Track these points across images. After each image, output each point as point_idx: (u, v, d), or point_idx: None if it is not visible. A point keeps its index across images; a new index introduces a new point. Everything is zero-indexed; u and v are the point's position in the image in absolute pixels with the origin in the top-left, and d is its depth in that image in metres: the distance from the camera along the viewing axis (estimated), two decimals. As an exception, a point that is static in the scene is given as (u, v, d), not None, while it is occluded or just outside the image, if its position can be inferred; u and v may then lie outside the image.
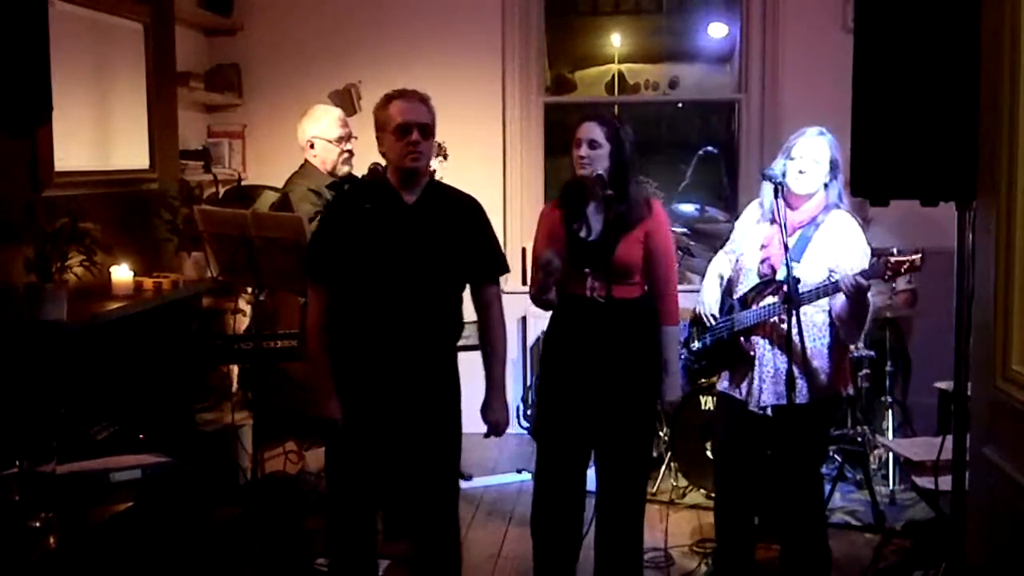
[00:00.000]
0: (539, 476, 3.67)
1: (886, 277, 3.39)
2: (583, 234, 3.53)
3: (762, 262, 3.62)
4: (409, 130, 3.12)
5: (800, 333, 3.37)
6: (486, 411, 3.33)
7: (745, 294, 3.66)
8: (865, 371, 4.91)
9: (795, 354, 3.41)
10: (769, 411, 3.58)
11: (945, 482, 2.95)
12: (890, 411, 5.03)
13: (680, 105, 7.18)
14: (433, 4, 6.00)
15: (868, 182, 2.70)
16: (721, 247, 3.96)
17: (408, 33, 5.98)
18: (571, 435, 3.57)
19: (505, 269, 3.39)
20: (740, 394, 3.66)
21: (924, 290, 5.28)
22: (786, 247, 3.41)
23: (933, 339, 4.53)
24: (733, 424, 3.71)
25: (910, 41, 2.60)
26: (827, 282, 3.44)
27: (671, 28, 7.29)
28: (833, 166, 3.55)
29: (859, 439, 4.84)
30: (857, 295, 3.36)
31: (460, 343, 3.33)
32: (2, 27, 2.48)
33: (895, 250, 3.34)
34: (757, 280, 3.63)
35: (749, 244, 3.70)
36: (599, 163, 3.44)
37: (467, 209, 3.31)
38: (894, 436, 4.98)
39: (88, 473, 3.11)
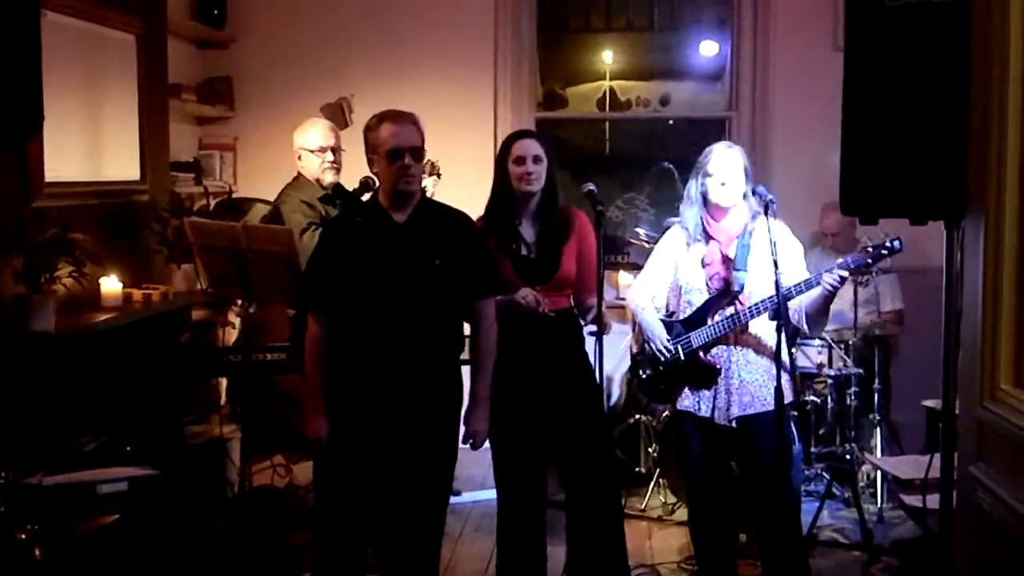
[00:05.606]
0: (499, 486, 3.68)
1: (868, 263, 3.46)
2: (524, 252, 3.57)
3: (711, 278, 3.66)
4: (400, 154, 3.16)
5: (778, 342, 3.45)
6: (468, 420, 3.35)
7: (698, 312, 3.67)
8: (853, 389, 4.92)
9: (766, 361, 3.58)
10: (734, 423, 3.62)
11: (933, 500, 2.95)
12: (878, 429, 5.03)
13: (671, 122, 7.20)
14: (425, 19, 6.02)
15: (857, 200, 2.72)
16: None
17: (400, 48, 5.99)
18: (525, 447, 3.59)
19: (498, 285, 3.42)
20: (705, 410, 3.67)
21: (912, 309, 5.30)
22: (775, 263, 3.42)
23: (921, 358, 4.53)
24: (698, 441, 3.73)
25: (900, 60, 2.62)
26: (811, 280, 3.48)
27: (662, 45, 7.31)
28: (747, 174, 3.63)
29: (847, 457, 4.85)
30: (836, 289, 3.46)
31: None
32: (-5, 37, 2.49)
33: (867, 239, 3.40)
34: (707, 297, 3.66)
35: (688, 267, 3.72)
36: (543, 178, 3.52)
37: (458, 226, 3.34)
38: (882, 454, 4.99)
39: (75, 485, 3.10)
